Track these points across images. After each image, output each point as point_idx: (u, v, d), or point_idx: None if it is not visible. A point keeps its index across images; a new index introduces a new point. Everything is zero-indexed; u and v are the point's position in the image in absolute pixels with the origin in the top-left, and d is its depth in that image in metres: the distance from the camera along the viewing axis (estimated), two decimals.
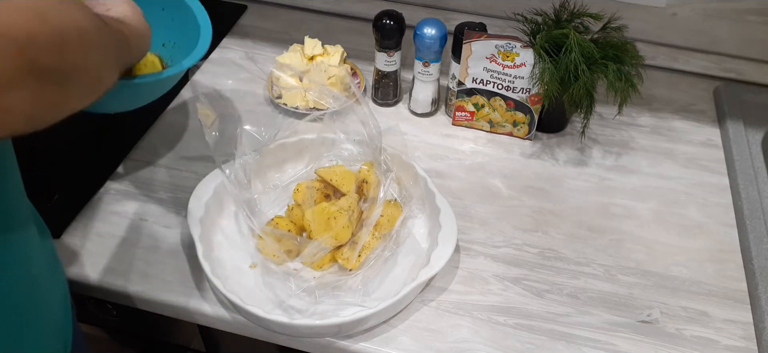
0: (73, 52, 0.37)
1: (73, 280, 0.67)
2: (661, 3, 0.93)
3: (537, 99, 0.82)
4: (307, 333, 0.62)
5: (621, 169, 0.83)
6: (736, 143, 0.85)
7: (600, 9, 0.79)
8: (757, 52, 0.96)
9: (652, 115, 0.92)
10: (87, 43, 0.38)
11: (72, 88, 0.38)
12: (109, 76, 0.44)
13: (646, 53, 0.83)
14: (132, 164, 0.80)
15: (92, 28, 0.39)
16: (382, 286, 0.65)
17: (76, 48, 0.37)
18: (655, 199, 0.79)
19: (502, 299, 0.66)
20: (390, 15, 0.84)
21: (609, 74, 0.76)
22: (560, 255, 0.71)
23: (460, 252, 0.71)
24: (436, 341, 0.62)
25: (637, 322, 0.65)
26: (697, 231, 0.75)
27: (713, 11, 0.94)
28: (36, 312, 0.48)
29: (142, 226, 0.72)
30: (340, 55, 0.92)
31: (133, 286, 0.66)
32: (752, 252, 0.71)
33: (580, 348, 0.62)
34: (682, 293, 0.68)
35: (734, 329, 0.65)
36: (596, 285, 0.68)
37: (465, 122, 0.88)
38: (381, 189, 0.68)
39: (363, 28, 1.05)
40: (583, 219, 0.76)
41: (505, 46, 0.79)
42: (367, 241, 0.65)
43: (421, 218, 0.72)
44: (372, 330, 0.63)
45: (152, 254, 0.69)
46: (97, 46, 0.40)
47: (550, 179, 0.81)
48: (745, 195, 0.78)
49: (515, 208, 0.77)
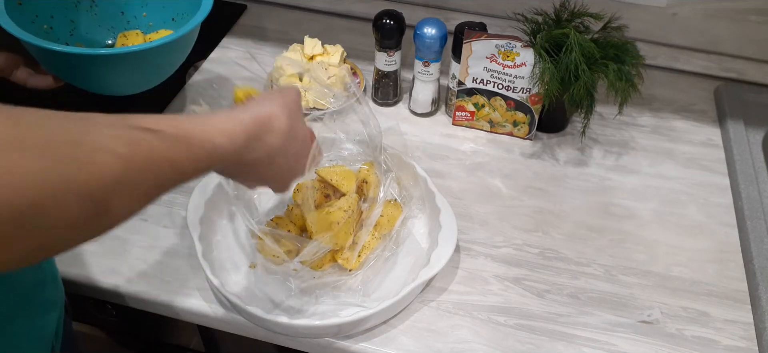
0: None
1: (73, 280, 0.66)
2: (662, 3, 0.93)
3: (537, 99, 0.82)
4: (307, 333, 0.62)
5: (621, 168, 0.83)
6: (736, 143, 0.85)
7: (600, 9, 0.79)
8: (758, 51, 0.96)
9: (652, 115, 0.92)
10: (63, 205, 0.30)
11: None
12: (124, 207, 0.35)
13: (646, 53, 0.83)
14: None
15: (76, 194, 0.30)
16: (382, 286, 0.65)
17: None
18: (656, 199, 0.79)
19: (503, 299, 0.66)
20: (390, 15, 0.84)
21: (609, 74, 0.75)
22: (560, 256, 0.71)
23: (460, 252, 0.71)
24: (436, 341, 0.62)
25: (638, 322, 0.65)
26: (698, 232, 0.75)
27: (714, 11, 0.94)
28: (20, 323, 0.47)
29: (142, 226, 0.72)
30: (340, 55, 0.92)
31: (133, 286, 0.66)
32: (753, 252, 0.71)
33: (580, 348, 0.62)
34: (683, 293, 0.68)
35: (735, 329, 0.65)
36: (596, 286, 0.68)
37: (465, 122, 0.88)
38: (381, 190, 0.67)
39: (363, 28, 1.05)
40: (584, 220, 0.76)
41: (506, 46, 0.79)
42: (367, 241, 0.65)
43: (421, 218, 0.72)
44: (372, 331, 0.63)
45: (152, 254, 0.69)
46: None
47: (551, 179, 0.81)
48: (746, 195, 0.78)
49: (515, 208, 0.77)
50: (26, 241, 0.29)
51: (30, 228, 0.28)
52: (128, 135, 0.33)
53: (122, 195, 0.33)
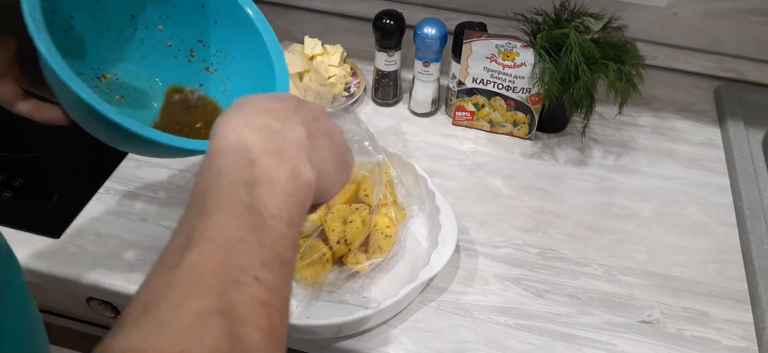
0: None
1: (74, 280, 0.66)
2: (662, 3, 0.93)
3: (537, 99, 0.82)
4: (307, 333, 0.62)
5: (621, 168, 0.83)
6: (736, 143, 0.85)
7: (600, 9, 0.79)
8: (758, 51, 0.96)
9: (652, 115, 0.92)
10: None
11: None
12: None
13: (646, 53, 0.83)
14: (132, 164, 0.80)
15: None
16: (382, 287, 0.65)
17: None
18: (656, 199, 0.79)
19: (503, 299, 0.66)
20: (390, 15, 0.84)
21: (609, 74, 0.75)
22: (560, 256, 0.71)
23: (461, 252, 0.71)
24: (436, 341, 0.62)
25: (638, 322, 0.65)
26: (698, 232, 0.75)
27: (714, 11, 0.94)
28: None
29: (142, 226, 0.72)
30: (340, 55, 0.92)
31: (133, 286, 0.66)
32: (753, 252, 0.71)
33: (580, 348, 0.62)
34: (683, 293, 0.68)
35: (735, 329, 0.65)
36: (597, 286, 0.68)
37: (465, 122, 0.88)
38: (381, 190, 0.67)
39: (363, 28, 1.04)
40: (584, 219, 0.76)
41: (506, 46, 0.79)
42: (378, 244, 0.65)
43: (421, 218, 0.72)
44: (372, 331, 0.63)
45: (152, 254, 0.69)
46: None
47: (551, 179, 0.81)
48: (746, 195, 0.78)
49: (515, 208, 0.77)
50: None
51: None
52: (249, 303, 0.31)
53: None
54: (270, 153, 0.36)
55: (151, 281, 0.31)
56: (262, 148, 0.35)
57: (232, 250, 0.31)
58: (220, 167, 0.34)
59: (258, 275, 0.32)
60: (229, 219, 0.32)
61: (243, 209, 0.33)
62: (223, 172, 0.34)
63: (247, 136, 0.36)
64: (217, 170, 0.34)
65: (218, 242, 0.31)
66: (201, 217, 0.33)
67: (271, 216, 0.34)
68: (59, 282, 0.67)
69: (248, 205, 0.33)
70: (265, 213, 0.33)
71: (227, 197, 0.33)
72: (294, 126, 0.38)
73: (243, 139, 0.35)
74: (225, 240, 0.32)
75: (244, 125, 0.37)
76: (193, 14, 0.57)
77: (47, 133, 0.85)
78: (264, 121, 0.37)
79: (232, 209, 0.33)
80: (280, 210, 0.34)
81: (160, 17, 0.57)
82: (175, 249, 0.32)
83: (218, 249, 0.31)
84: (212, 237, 0.32)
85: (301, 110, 0.41)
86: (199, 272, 0.30)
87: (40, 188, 0.77)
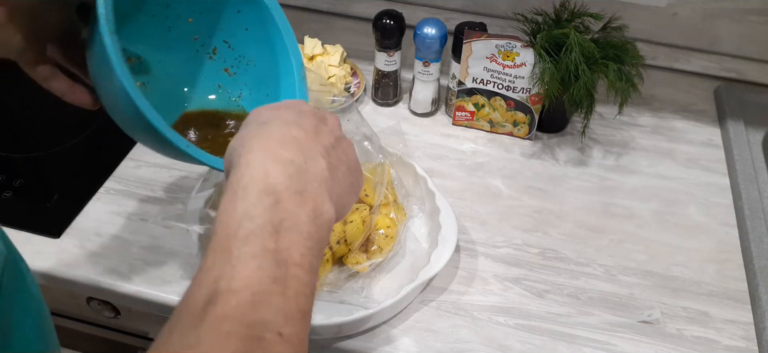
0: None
1: (73, 280, 0.66)
2: (662, 3, 0.93)
3: (537, 99, 0.82)
4: None
5: (621, 168, 0.83)
6: (736, 143, 0.85)
7: (600, 9, 0.79)
8: (758, 51, 0.96)
9: (652, 115, 0.92)
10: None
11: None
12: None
13: (646, 53, 0.83)
14: (132, 164, 0.80)
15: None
16: (382, 287, 0.65)
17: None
18: (656, 199, 0.79)
19: (503, 299, 0.66)
20: (390, 15, 0.84)
21: (609, 74, 0.75)
22: (560, 256, 0.71)
23: (460, 252, 0.71)
24: (436, 341, 0.62)
25: (638, 322, 0.65)
26: (698, 232, 0.75)
27: (714, 11, 0.94)
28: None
29: (142, 226, 0.72)
30: (340, 55, 0.92)
31: (133, 286, 0.66)
32: (753, 252, 0.71)
33: (580, 348, 0.62)
34: (683, 293, 0.68)
35: (735, 329, 0.65)
36: (597, 286, 0.68)
37: (465, 122, 0.88)
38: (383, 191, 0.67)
39: (363, 28, 1.05)
40: (584, 219, 0.76)
41: (506, 46, 0.79)
42: (378, 244, 0.65)
43: (421, 218, 0.72)
44: (372, 331, 0.63)
45: (152, 254, 0.69)
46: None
47: (551, 179, 0.81)
48: (746, 196, 0.78)
49: (515, 208, 0.77)
50: None
51: None
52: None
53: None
54: (294, 192, 0.36)
55: (174, 337, 0.32)
56: (286, 186, 0.36)
57: (257, 305, 0.32)
58: (247, 209, 0.35)
59: (281, 331, 0.32)
60: (254, 271, 0.33)
61: (269, 258, 0.33)
62: (249, 214, 0.34)
63: (272, 174, 0.36)
64: (244, 212, 0.34)
65: (243, 296, 0.32)
66: (227, 265, 0.33)
67: (294, 263, 0.34)
68: (59, 282, 0.67)
69: (273, 253, 0.33)
70: (288, 261, 0.34)
71: (254, 243, 0.33)
72: (316, 158, 0.39)
73: (269, 178, 0.36)
74: (250, 295, 0.32)
75: (268, 158, 0.37)
76: (226, 16, 0.58)
77: (47, 132, 0.85)
78: (288, 155, 0.37)
79: (258, 258, 0.33)
80: (302, 257, 0.35)
81: (192, 11, 0.58)
82: (199, 299, 0.32)
83: (243, 304, 0.32)
84: (237, 290, 0.32)
85: (321, 133, 0.41)
86: (224, 331, 0.31)
87: (40, 188, 0.77)
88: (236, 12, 0.57)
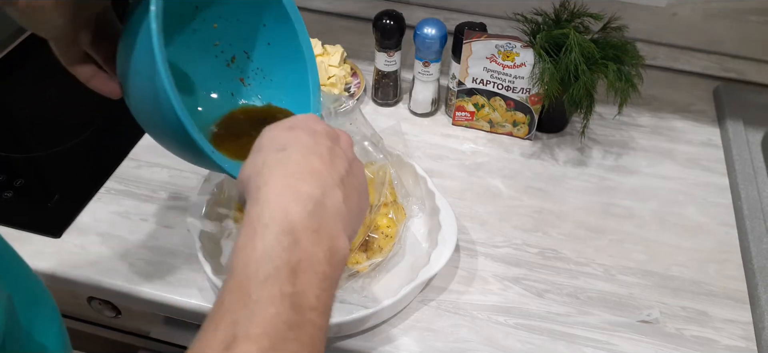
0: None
1: (74, 280, 0.67)
2: (662, 3, 0.93)
3: (537, 99, 0.82)
4: None
5: (621, 169, 0.83)
6: (736, 143, 0.85)
7: (600, 9, 0.79)
8: (758, 51, 0.96)
9: (652, 115, 0.92)
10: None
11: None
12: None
13: (646, 53, 0.83)
14: (132, 164, 0.80)
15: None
16: (382, 286, 0.65)
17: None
18: (655, 199, 0.79)
19: (502, 299, 0.66)
20: (390, 15, 0.84)
21: (609, 74, 0.76)
22: (560, 255, 0.71)
23: (460, 252, 0.71)
24: (436, 341, 0.62)
25: (637, 322, 0.65)
26: (697, 231, 0.75)
27: (713, 11, 0.94)
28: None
29: (142, 226, 0.72)
30: (340, 55, 0.92)
31: (133, 286, 0.66)
32: (752, 252, 0.71)
33: (580, 348, 0.62)
34: (682, 293, 0.68)
35: (734, 329, 0.65)
36: (596, 285, 0.68)
37: (465, 122, 0.88)
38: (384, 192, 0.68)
39: (363, 28, 1.05)
40: (583, 219, 0.76)
41: (505, 46, 0.79)
42: (378, 244, 0.65)
43: (421, 218, 0.72)
44: (372, 330, 0.63)
45: (152, 254, 0.69)
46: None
47: (550, 179, 0.81)
48: (745, 196, 0.78)
49: (515, 208, 0.77)
50: None
51: None
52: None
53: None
54: (312, 230, 0.36)
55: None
56: (304, 226, 0.36)
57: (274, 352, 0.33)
58: (266, 249, 0.35)
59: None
60: (272, 318, 0.33)
61: (286, 304, 0.34)
62: (268, 255, 0.35)
63: (292, 212, 0.36)
64: (263, 252, 0.35)
65: (261, 343, 0.32)
66: (245, 308, 0.33)
67: (310, 308, 0.35)
68: (60, 282, 0.67)
69: (290, 296, 0.34)
70: (305, 306, 0.34)
71: (272, 286, 0.34)
72: (333, 190, 0.39)
73: (289, 216, 0.36)
74: (268, 342, 0.32)
75: (287, 194, 0.37)
76: (252, 27, 0.58)
77: (47, 132, 0.85)
78: (307, 189, 0.38)
79: (276, 304, 0.33)
80: (318, 300, 0.35)
81: (219, 17, 0.58)
82: (217, 343, 0.33)
83: (260, 352, 0.32)
84: (256, 338, 0.32)
85: (336, 158, 0.41)
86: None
87: (41, 188, 0.77)
88: (262, 25, 0.57)
